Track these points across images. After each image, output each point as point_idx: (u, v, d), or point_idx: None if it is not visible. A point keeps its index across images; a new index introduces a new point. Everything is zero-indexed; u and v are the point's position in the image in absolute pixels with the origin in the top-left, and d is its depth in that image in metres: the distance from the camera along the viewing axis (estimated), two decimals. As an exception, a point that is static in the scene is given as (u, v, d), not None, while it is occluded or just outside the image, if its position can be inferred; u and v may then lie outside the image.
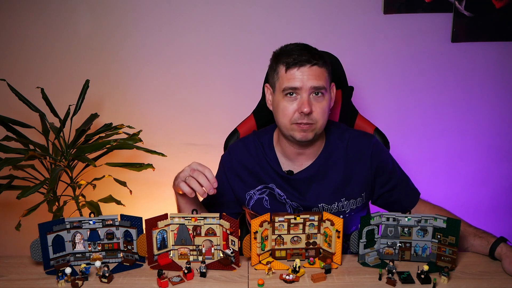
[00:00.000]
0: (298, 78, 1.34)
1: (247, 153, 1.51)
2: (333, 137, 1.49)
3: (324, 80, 1.37)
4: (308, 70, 1.34)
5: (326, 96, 1.39)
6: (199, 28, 2.15)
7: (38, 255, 1.30)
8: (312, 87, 1.35)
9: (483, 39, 2.17)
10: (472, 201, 2.39)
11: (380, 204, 1.55)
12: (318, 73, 1.35)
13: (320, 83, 1.35)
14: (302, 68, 1.34)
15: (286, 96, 1.37)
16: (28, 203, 1.79)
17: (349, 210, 1.47)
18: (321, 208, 1.46)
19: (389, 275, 1.25)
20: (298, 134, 1.38)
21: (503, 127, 2.32)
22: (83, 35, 2.15)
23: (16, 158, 1.74)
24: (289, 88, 1.35)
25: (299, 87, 1.35)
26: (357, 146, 1.48)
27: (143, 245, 1.32)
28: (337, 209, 1.46)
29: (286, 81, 1.36)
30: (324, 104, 1.37)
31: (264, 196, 1.49)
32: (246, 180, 1.50)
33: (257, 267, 1.32)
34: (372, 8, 2.13)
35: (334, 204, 1.46)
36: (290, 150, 1.47)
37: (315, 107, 1.36)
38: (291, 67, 1.35)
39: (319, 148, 1.48)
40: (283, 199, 1.48)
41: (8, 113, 1.91)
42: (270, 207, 1.48)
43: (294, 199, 1.47)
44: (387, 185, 1.49)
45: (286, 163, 1.49)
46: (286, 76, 1.36)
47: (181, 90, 2.23)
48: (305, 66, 1.34)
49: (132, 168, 1.89)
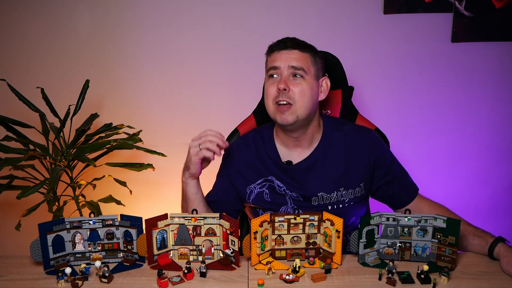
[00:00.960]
0: (278, 58, 1.44)
1: (246, 148, 1.55)
2: (330, 129, 1.53)
3: (304, 63, 1.43)
4: (288, 52, 1.44)
5: (308, 79, 1.44)
6: (199, 28, 2.15)
7: (38, 255, 1.30)
8: (290, 66, 1.42)
9: (483, 39, 2.17)
10: (472, 201, 2.39)
11: (379, 197, 1.56)
12: (298, 56, 1.43)
13: (298, 64, 1.42)
14: (282, 50, 1.44)
15: (270, 78, 1.46)
16: (28, 203, 1.79)
17: (348, 199, 1.48)
18: (320, 197, 1.47)
19: (389, 275, 1.25)
20: (279, 117, 1.43)
21: (503, 127, 2.32)
22: (83, 35, 2.15)
23: (16, 158, 1.74)
24: (271, 68, 1.45)
25: (278, 66, 1.43)
26: (356, 139, 1.50)
27: (143, 245, 1.32)
28: (336, 198, 1.48)
29: (269, 62, 1.47)
30: (304, 87, 1.43)
31: (264, 189, 1.51)
32: (246, 175, 1.52)
33: (257, 267, 1.32)
34: (372, 8, 2.13)
35: (333, 193, 1.48)
36: (287, 139, 1.51)
37: (293, 86, 1.42)
38: (274, 50, 1.46)
39: (316, 138, 1.51)
40: (282, 191, 1.50)
41: (8, 113, 1.91)
42: (271, 200, 1.50)
43: (294, 190, 1.49)
44: (386, 177, 1.51)
45: (285, 154, 1.52)
46: (270, 59, 1.47)
47: (181, 90, 2.23)
48: (286, 49, 1.44)
49: (132, 168, 1.89)
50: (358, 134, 1.51)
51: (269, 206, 1.50)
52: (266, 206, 1.50)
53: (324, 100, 1.58)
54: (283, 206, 1.50)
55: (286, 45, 1.44)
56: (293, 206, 1.49)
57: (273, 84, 1.44)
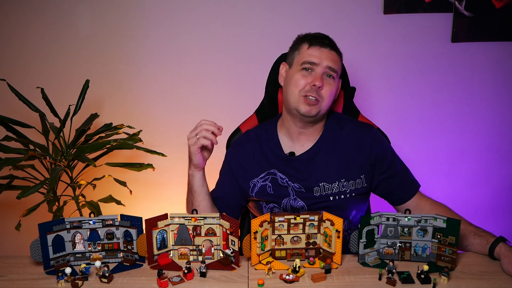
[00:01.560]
0: (317, 55, 1.47)
1: (249, 143, 1.57)
2: (333, 123, 1.56)
3: (338, 66, 1.50)
4: (328, 51, 1.47)
5: (336, 81, 1.50)
6: (199, 28, 2.15)
7: (38, 255, 1.30)
8: (327, 66, 1.46)
9: (483, 39, 2.17)
10: (472, 201, 2.39)
11: (379, 193, 1.57)
12: (335, 58, 1.49)
13: (335, 66, 1.48)
14: (323, 48, 1.47)
15: (303, 70, 1.48)
16: (28, 203, 1.79)
17: (350, 190, 1.50)
18: (322, 187, 1.49)
19: (389, 275, 1.25)
20: (303, 108, 1.46)
21: (503, 127, 2.32)
22: (83, 35, 2.15)
23: (16, 158, 1.74)
24: (308, 62, 1.47)
25: (317, 63, 1.46)
26: (357, 134, 1.53)
27: (143, 245, 1.32)
28: (338, 188, 1.49)
29: (307, 56, 1.47)
30: (332, 87, 1.48)
31: (267, 182, 1.53)
32: (249, 169, 1.55)
33: (257, 267, 1.32)
34: (372, 8, 2.13)
35: (335, 183, 1.49)
36: (293, 129, 1.53)
37: (325, 85, 1.46)
38: (314, 45, 1.48)
39: (319, 130, 1.54)
40: (285, 182, 1.51)
41: (8, 113, 1.91)
42: (273, 192, 1.52)
43: (296, 181, 1.51)
44: (386, 173, 1.52)
45: (288, 145, 1.55)
46: (307, 52, 1.48)
47: (181, 90, 2.23)
48: (326, 47, 1.48)
49: (132, 168, 1.89)
50: (359, 130, 1.54)
51: (272, 199, 1.52)
52: (269, 199, 1.52)
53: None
54: (286, 198, 1.51)
55: (325, 42, 1.48)
56: (295, 197, 1.50)
57: (305, 77, 1.46)
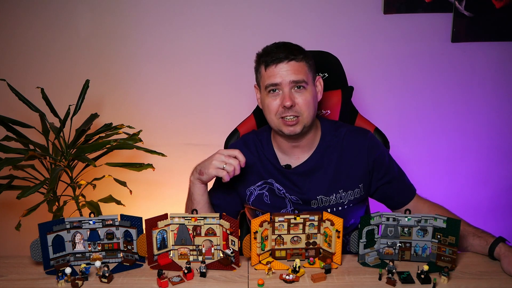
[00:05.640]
0: (277, 75, 1.40)
1: (247, 150, 1.54)
2: (328, 131, 1.53)
3: (303, 74, 1.41)
4: (286, 65, 1.40)
5: (309, 88, 1.43)
6: (199, 28, 2.15)
7: (38, 255, 1.30)
8: (292, 81, 1.40)
9: (483, 39, 2.17)
10: (472, 201, 2.39)
11: (377, 198, 1.57)
12: (296, 68, 1.40)
13: (299, 77, 1.40)
14: (279, 64, 1.40)
15: (270, 93, 1.43)
16: (28, 203, 1.79)
17: (347, 201, 1.48)
18: (320, 200, 1.48)
19: (389, 275, 1.25)
20: (285, 129, 1.43)
21: (503, 127, 2.32)
22: (83, 35, 2.15)
23: (16, 158, 1.74)
24: (270, 85, 1.42)
25: (279, 83, 1.40)
26: (354, 141, 1.50)
27: (143, 245, 1.32)
28: (336, 200, 1.48)
29: (267, 79, 1.42)
30: (307, 96, 1.42)
31: (264, 191, 1.51)
32: (247, 177, 1.52)
33: (257, 267, 1.32)
34: (372, 8, 2.13)
35: (332, 195, 1.48)
36: (285, 144, 1.51)
37: (298, 99, 1.41)
38: (269, 65, 1.41)
39: (314, 141, 1.51)
40: (282, 194, 1.50)
41: (8, 113, 1.91)
42: (270, 202, 1.51)
43: (293, 193, 1.49)
44: (384, 178, 1.51)
45: (283, 157, 1.52)
46: (266, 74, 1.43)
47: (181, 90, 2.23)
48: (282, 62, 1.40)
49: (132, 168, 1.89)
50: (355, 136, 1.51)
51: (269, 209, 1.48)
52: (267, 209, 1.49)
53: (323, 100, 1.58)
54: (283, 209, 1.50)
55: (280, 57, 1.39)
56: (292, 209, 1.49)
57: (274, 99, 1.42)
